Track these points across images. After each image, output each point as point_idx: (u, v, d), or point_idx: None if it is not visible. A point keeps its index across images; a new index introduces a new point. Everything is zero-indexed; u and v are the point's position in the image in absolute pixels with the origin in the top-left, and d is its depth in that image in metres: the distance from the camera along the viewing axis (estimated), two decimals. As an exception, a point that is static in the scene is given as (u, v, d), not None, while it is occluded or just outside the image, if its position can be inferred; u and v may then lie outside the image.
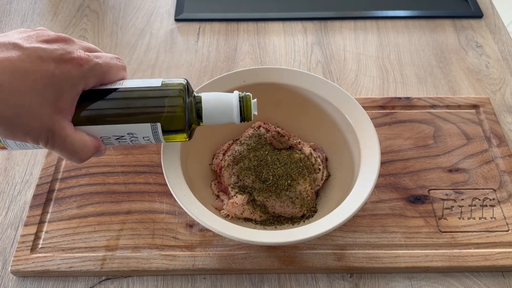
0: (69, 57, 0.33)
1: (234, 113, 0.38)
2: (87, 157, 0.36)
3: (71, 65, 0.33)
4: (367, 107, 0.59)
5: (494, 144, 0.55)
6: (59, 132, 0.33)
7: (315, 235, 0.39)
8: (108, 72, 0.36)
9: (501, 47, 0.70)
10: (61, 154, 0.35)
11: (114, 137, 0.37)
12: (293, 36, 0.72)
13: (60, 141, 0.34)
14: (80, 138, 0.35)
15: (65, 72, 0.33)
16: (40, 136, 0.33)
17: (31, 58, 0.31)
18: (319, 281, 0.46)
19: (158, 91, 0.36)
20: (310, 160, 0.49)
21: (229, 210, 0.47)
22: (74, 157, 0.36)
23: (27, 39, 0.33)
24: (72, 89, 0.33)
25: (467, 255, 0.46)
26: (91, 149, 0.36)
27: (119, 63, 0.37)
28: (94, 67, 0.34)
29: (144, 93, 0.36)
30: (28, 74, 0.31)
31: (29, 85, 0.31)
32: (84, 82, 0.34)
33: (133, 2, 0.78)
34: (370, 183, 0.42)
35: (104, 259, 0.46)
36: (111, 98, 0.36)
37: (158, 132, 0.37)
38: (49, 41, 0.33)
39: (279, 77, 0.51)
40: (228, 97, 0.39)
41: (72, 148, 0.35)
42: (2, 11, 0.76)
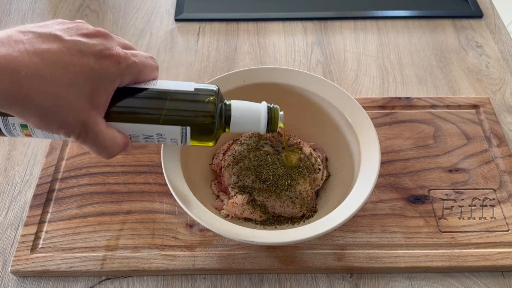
0: (108, 53, 0.33)
1: (261, 124, 0.39)
2: (115, 154, 0.37)
3: (110, 61, 0.33)
4: (367, 107, 0.59)
5: (494, 144, 0.55)
6: (93, 127, 0.34)
7: (315, 235, 0.39)
8: (143, 71, 0.36)
9: (501, 47, 0.70)
10: (91, 149, 0.35)
11: (142, 136, 0.37)
12: (293, 36, 0.72)
13: (92, 137, 0.34)
14: (112, 134, 0.35)
15: (104, 68, 0.33)
16: (73, 129, 0.33)
17: (71, 51, 0.32)
18: (319, 281, 0.46)
19: (191, 95, 0.37)
20: (310, 160, 0.49)
21: (229, 210, 0.47)
22: (104, 153, 0.36)
23: (68, 31, 0.33)
24: (108, 85, 0.34)
25: (467, 255, 0.46)
26: (120, 146, 0.36)
27: (153, 63, 0.38)
28: (131, 65, 0.35)
29: (177, 96, 0.37)
30: (69, 67, 0.31)
31: (68, 78, 0.31)
32: (120, 79, 0.34)
33: (133, 2, 0.78)
34: (370, 183, 0.42)
35: (104, 259, 0.46)
36: (145, 97, 0.36)
37: (187, 135, 0.37)
38: (89, 35, 0.33)
39: (279, 77, 0.51)
40: (257, 107, 0.39)
41: (103, 144, 0.35)
42: (2, 11, 0.76)
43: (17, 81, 0.29)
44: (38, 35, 0.31)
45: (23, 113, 0.31)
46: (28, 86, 0.29)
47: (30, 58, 0.30)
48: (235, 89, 0.50)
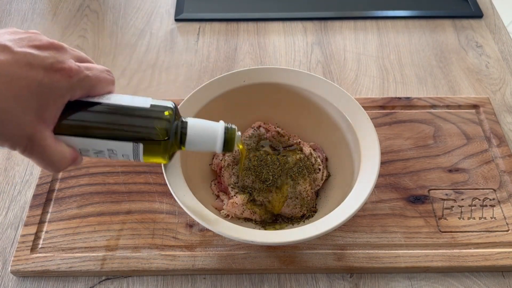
0: (59, 67, 0.32)
1: (217, 144, 0.39)
2: (63, 168, 0.36)
3: (60, 75, 0.32)
4: (367, 107, 0.59)
5: (494, 144, 0.55)
6: (39, 142, 0.33)
7: (315, 235, 0.39)
8: (97, 85, 0.35)
9: (501, 47, 0.70)
10: (37, 163, 0.34)
11: (93, 150, 0.36)
12: (293, 36, 0.72)
13: (39, 151, 0.33)
14: (60, 149, 0.34)
15: (54, 82, 0.32)
16: (18, 143, 0.32)
17: (20, 63, 0.31)
18: (319, 281, 0.46)
19: (145, 111, 0.36)
20: (310, 160, 0.49)
21: (229, 210, 0.47)
22: (50, 167, 0.35)
23: (18, 42, 0.32)
24: (58, 99, 0.33)
25: (467, 255, 0.46)
26: (68, 160, 0.35)
27: (109, 76, 0.37)
28: (83, 79, 0.34)
29: (131, 112, 0.36)
30: (15, 80, 0.30)
31: (14, 91, 0.30)
32: (71, 93, 0.33)
33: (133, 2, 0.78)
34: (370, 183, 0.42)
35: (104, 259, 0.46)
36: (97, 111, 0.35)
37: (139, 152, 0.36)
38: (40, 47, 0.32)
39: (279, 77, 0.51)
40: (214, 126, 0.39)
41: (50, 158, 0.34)
42: (2, 11, 0.76)
43: None
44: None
45: None
46: None
47: None
48: (235, 89, 0.50)
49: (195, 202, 0.42)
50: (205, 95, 0.49)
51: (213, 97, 0.49)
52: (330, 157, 0.52)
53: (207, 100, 0.49)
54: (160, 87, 0.64)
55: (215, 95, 0.49)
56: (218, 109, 0.50)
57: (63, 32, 0.72)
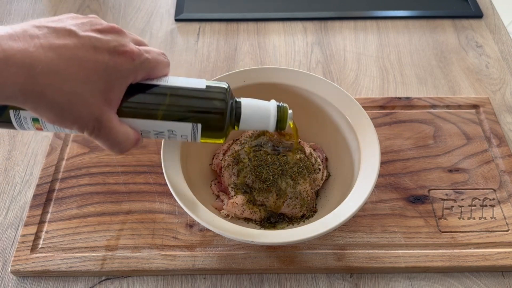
0: (122, 50, 0.33)
1: (270, 122, 0.40)
2: (127, 150, 0.37)
3: (124, 58, 0.33)
4: (367, 107, 0.59)
5: (494, 144, 0.55)
6: (106, 123, 0.34)
7: (315, 235, 0.39)
8: (156, 67, 0.36)
9: (501, 47, 0.70)
10: (103, 144, 0.35)
11: (154, 131, 0.37)
12: (293, 36, 0.72)
13: (105, 132, 0.34)
14: (124, 130, 0.35)
15: (118, 64, 0.33)
16: (87, 125, 0.33)
17: (86, 47, 0.32)
18: (319, 281, 0.46)
19: (202, 92, 0.37)
20: (310, 160, 0.49)
21: (229, 210, 0.47)
22: (116, 148, 0.36)
23: (82, 26, 0.33)
24: (122, 81, 0.34)
25: (467, 255, 0.46)
26: (132, 141, 0.36)
27: (165, 59, 0.38)
28: (144, 61, 0.35)
29: (189, 93, 0.37)
30: (83, 63, 0.31)
31: (83, 73, 0.31)
32: (133, 75, 0.35)
33: (133, 2, 0.78)
34: (370, 183, 0.42)
35: (104, 259, 0.46)
36: (157, 93, 0.36)
37: (198, 132, 0.37)
38: (102, 31, 0.33)
39: (279, 77, 0.51)
40: (266, 105, 0.40)
41: (115, 139, 0.35)
42: (3, 11, 0.76)
43: (32, 77, 0.29)
44: (53, 30, 0.31)
45: (38, 109, 0.31)
46: (44, 81, 0.29)
47: (45, 53, 0.30)
48: (235, 89, 0.50)
49: (195, 202, 0.42)
50: (205, 95, 0.49)
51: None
52: (330, 157, 0.52)
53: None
54: (160, 87, 0.64)
55: (215, 95, 0.49)
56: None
57: (63, 32, 0.72)
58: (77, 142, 0.56)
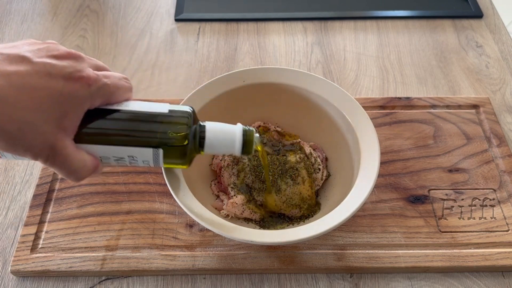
0: (78, 76, 0.32)
1: (236, 146, 0.39)
2: (84, 177, 0.36)
3: (80, 84, 0.32)
4: (367, 107, 0.59)
5: (494, 144, 0.55)
6: (61, 151, 0.33)
7: (315, 235, 0.39)
8: (115, 93, 0.35)
9: (501, 47, 0.70)
10: (59, 172, 0.35)
11: (114, 157, 0.36)
12: (293, 36, 0.72)
13: (60, 160, 0.33)
14: (81, 157, 0.35)
15: (73, 91, 0.32)
16: (40, 153, 0.32)
17: (40, 74, 0.31)
18: (319, 281, 0.46)
19: (164, 117, 0.36)
20: (310, 160, 0.49)
21: (229, 210, 0.47)
22: (72, 176, 0.35)
23: (37, 52, 0.32)
24: (78, 108, 0.33)
25: (467, 255, 0.46)
26: (89, 169, 0.36)
27: (127, 84, 0.37)
28: (102, 87, 0.34)
29: (150, 118, 0.36)
30: (36, 91, 0.30)
31: (35, 102, 0.30)
32: (90, 102, 0.34)
33: (133, 2, 0.78)
34: (370, 183, 0.42)
35: (104, 259, 0.46)
36: (116, 119, 0.35)
37: (159, 157, 0.37)
38: (59, 57, 0.33)
39: (279, 77, 0.51)
40: (231, 129, 0.39)
41: (71, 167, 0.34)
42: (2, 11, 0.76)
43: None
44: (6, 57, 0.30)
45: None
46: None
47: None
48: (235, 89, 0.50)
49: (195, 202, 0.42)
50: (205, 95, 0.49)
51: (213, 97, 0.49)
52: (330, 157, 0.52)
53: (207, 100, 0.49)
54: (160, 87, 0.64)
55: (215, 95, 0.49)
56: (218, 109, 0.50)
57: (63, 32, 0.72)
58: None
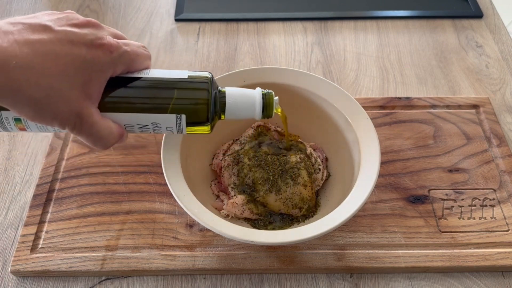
0: (99, 43, 0.33)
1: (256, 110, 0.39)
2: (110, 145, 0.36)
3: (102, 51, 0.33)
4: (367, 107, 0.59)
5: (494, 144, 0.55)
6: (87, 118, 0.33)
7: (315, 235, 0.39)
8: (136, 60, 0.36)
9: (501, 47, 0.70)
10: (86, 139, 0.35)
11: (138, 125, 0.37)
12: (293, 36, 0.72)
13: (87, 127, 0.34)
14: (107, 125, 0.35)
15: (96, 57, 0.32)
16: (68, 120, 0.33)
17: (62, 41, 0.31)
18: (319, 281, 0.46)
19: (184, 83, 0.37)
20: (310, 160, 0.49)
21: (229, 210, 0.47)
22: (99, 143, 0.35)
23: (58, 21, 0.32)
24: (101, 75, 0.33)
25: (467, 255, 0.46)
26: (115, 136, 0.36)
27: (146, 52, 0.37)
28: (123, 54, 0.34)
29: (171, 84, 0.36)
30: (60, 58, 0.31)
31: (60, 68, 0.31)
32: (112, 68, 0.34)
33: (133, 2, 0.78)
34: (370, 183, 0.42)
35: (104, 259, 0.46)
36: (138, 87, 0.36)
37: (182, 123, 0.37)
38: (79, 25, 0.33)
39: (279, 77, 0.51)
40: (251, 93, 0.39)
41: (98, 134, 0.35)
42: (2, 11, 0.76)
43: (7, 72, 0.29)
44: (28, 26, 0.31)
45: (15, 105, 0.31)
46: (19, 77, 0.29)
47: (20, 48, 0.29)
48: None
49: (195, 202, 0.42)
50: (205, 95, 0.49)
51: (213, 97, 0.49)
52: (330, 157, 0.52)
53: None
54: (160, 87, 0.64)
55: (215, 95, 0.49)
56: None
57: (63, 32, 0.72)
58: (77, 142, 0.56)
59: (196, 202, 0.42)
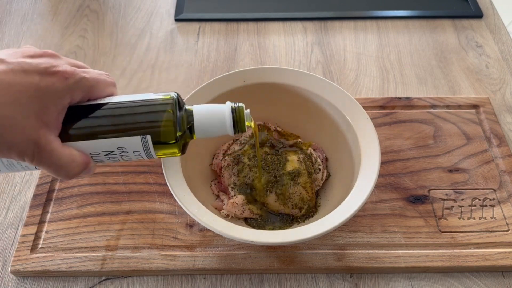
0: (54, 70, 0.32)
1: (227, 125, 0.38)
2: (75, 173, 0.35)
3: (56, 78, 0.32)
4: (367, 107, 0.59)
5: (494, 144, 0.55)
6: (45, 146, 0.32)
7: (315, 235, 0.39)
8: (96, 86, 0.35)
9: (501, 47, 0.70)
10: (48, 169, 0.34)
11: (103, 152, 0.36)
12: (293, 36, 0.72)
13: (46, 155, 0.33)
14: (68, 153, 0.34)
15: (50, 85, 0.32)
16: (25, 150, 0.32)
17: (15, 71, 0.31)
18: (319, 281, 0.46)
19: (147, 104, 0.36)
20: (310, 160, 0.49)
21: (229, 210, 0.47)
22: (62, 172, 0.34)
23: (13, 55, 0.32)
24: (57, 102, 0.33)
25: (467, 255, 0.46)
26: (80, 164, 0.35)
27: (108, 79, 0.37)
28: (80, 80, 0.34)
29: (133, 106, 0.35)
30: (12, 87, 0.30)
31: (12, 96, 0.30)
32: (70, 95, 0.33)
33: (133, 2, 0.78)
34: (370, 183, 0.42)
35: (104, 259, 0.46)
36: (100, 112, 0.35)
37: (149, 145, 0.36)
38: (34, 56, 0.33)
39: (279, 77, 0.51)
40: (220, 109, 0.38)
41: (58, 163, 0.33)
42: (3, 11, 0.76)
43: None
44: None
45: None
46: None
47: None
48: (235, 89, 0.50)
49: (195, 202, 0.42)
50: (205, 95, 0.49)
51: (213, 97, 0.49)
52: (330, 157, 0.52)
53: (207, 100, 0.49)
54: (160, 87, 0.64)
55: (215, 95, 0.49)
56: (218, 109, 0.50)
57: (63, 32, 0.72)
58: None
59: (196, 202, 0.42)
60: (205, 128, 0.38)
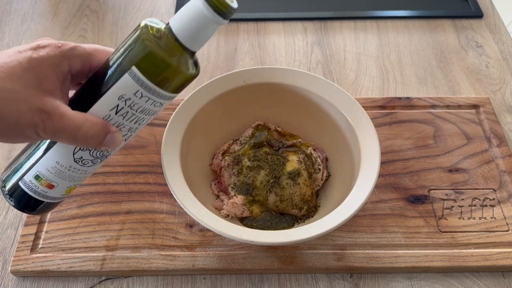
0: (45, 43, 0.33)
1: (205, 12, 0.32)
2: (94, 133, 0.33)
3: (49, 48, 0.33)
4: (367, 107, 0.59)
5: (494, 144, 0.55)
6: (53, 110, 0.31)
7: (315, 235, 0.39)
8: (94, 54, 0.35)
9: (501, 47, 0.70)
10: (64, 136, 0.32)
11: (112, 111, 0.34)
12: (293, 36, 0.72)
13: (57, 119, 0.32)
14: (82, 115, 0.33)
15: (43, 54, 0.33)
16: (34, 119, 0.31)
17: (9, 53, 0.32)
18: (319, 281, 0.46)
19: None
20: (310, 160, 0.49)
21: (229, 210, 0.47)
22: (80, 134, 0.32)
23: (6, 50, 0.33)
24: (55, 69, 0.33)
25: (467, 255, 0.46)
26: (95, 123, 0.33)
27: (107, 48, 0.36)
28: (74, 47, 0.34)
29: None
30: (6, 64, 0.31)
31: (7, 70, 0.31)
32: (67, 62, 0.34)
33: (133, 2, 0.78)
34: (370, 183, 0.42)
35: (104, 259, 0.46)
36: (94, 73, 0.35)
37: (142, 79, 0.33)
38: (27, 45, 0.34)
39: (279, 77, 0.51)
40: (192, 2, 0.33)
41: (73, 124, 0.32)
42: (2, 11, 0.76)
43: None
44: None
45: None
46: None
47: None
48: (235, 89, 0.50)
49: (195, 202, 0.42)
50: (205, 95, 0.49)
51: (213, 97, 0.49)
52: (330, 157, 0.52)
53: (207, 100, 0.49)
54: (160, 87, 0.64)
55: (215, 95, 0.49)
56: (218, 109, 0.50)
57: (63, 32, 0.72)
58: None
59: (196, 202, 0.42)
60: (189, 29, 0.33)
